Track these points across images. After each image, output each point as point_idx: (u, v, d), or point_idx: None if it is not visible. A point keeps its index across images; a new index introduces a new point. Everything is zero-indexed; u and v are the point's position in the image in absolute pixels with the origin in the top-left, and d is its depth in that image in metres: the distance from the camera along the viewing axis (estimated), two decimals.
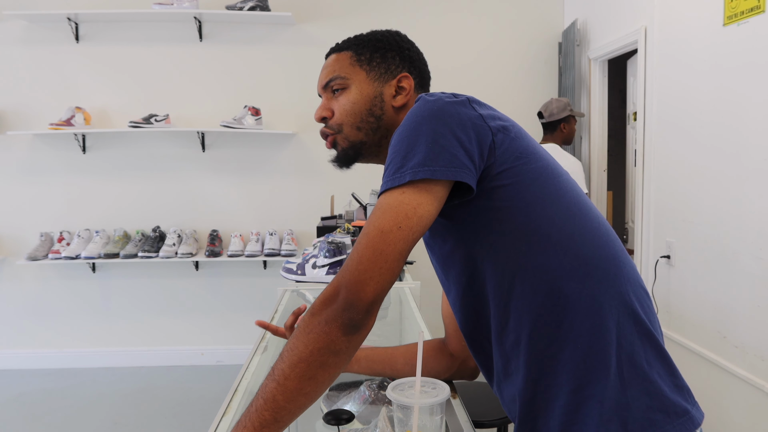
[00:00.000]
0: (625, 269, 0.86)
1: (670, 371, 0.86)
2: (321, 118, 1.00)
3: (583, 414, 0.81)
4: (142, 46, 3.79)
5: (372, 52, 1.00)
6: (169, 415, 3.22)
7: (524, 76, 3.95)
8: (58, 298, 3.90)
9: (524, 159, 0.84)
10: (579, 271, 0.82)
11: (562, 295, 0.82)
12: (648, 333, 0.85)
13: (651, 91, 2.79)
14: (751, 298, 2.10)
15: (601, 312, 0.82)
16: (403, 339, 1.71)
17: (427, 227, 0.79)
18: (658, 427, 0.81)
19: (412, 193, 0.77)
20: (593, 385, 0.81)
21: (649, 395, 0.82)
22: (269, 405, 0.75)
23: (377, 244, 0.75)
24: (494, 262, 0.84)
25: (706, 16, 2.32)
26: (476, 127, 0.82)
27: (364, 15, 3.86)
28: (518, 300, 0.83)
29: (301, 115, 3.86)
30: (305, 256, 2.07)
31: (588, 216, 0.87)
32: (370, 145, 0.99)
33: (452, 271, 0.93)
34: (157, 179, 3.87)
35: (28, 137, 3.79)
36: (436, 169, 0.77)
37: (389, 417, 0.89)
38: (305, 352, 0.75)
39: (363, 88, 0.98)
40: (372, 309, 0.76)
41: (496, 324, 0.87)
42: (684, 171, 2.52)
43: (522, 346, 0.84)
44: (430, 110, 0.81)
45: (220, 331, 3.98)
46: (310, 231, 3.86)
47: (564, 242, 0.83)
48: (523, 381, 0.85)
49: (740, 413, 2.18)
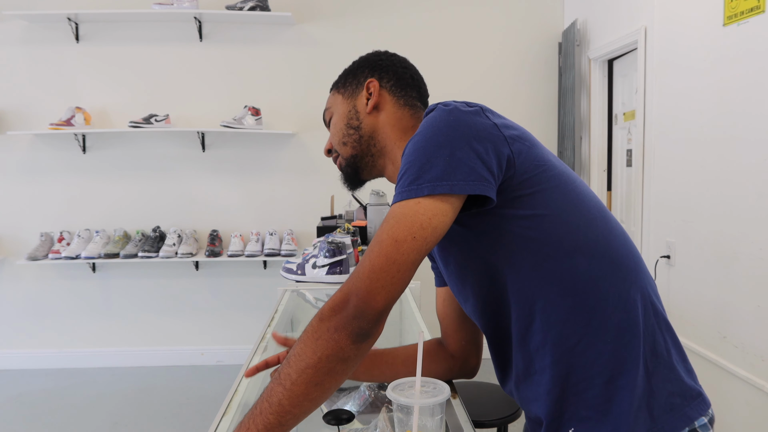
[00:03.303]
0: (641, 264, 0.91)
1: (683, 357, 0.91)
2: (327, 151, 1.10)
3: (615, 403, 0.84)
4: (142, 46, 3.79)
5: (346, 77, 1.09)
6: (169, 415, 3.22)
7: (524, 76, 3.95)
8: (58, 298, 3.90)
9: (543, 167, 0.86)
10: (607, 271, 0.86)
11: (591, 296, 0.85)
12: (666, 322, 0.90)
13: (651, 91, 2.79)
14: (751, 298, 2.10)
15: (628, 307, 0.86)
16: (403, 339, 1.71)
17: (440, 238, 0.79)
18: (678, 410, 0.87)
19: (428, 203, 0.77)
20: (624, 375, 0.84)
21: (670, 381, 0.87)
22: (275, 409, 0.75)
23: (391, 253, 0.75)
24: (518, 267, 0.86)
25: (706, 16, 2.32)
26: (492, 137, 0.82)
27: (363, 15, 3.86)
28: (545, 302, 0.85)
29: (301, 115, 3.86)
30: (305, 256, 2.07)
31: (607, 218, 0.91)
32: (362, 156, 1.04)
33: (470, 278, 0.94)
34: (157, 179, 3.87)
35: (28, 137, 3.79)
36: (454, 183, 0.77)
37: (389, 417, 0.89)
38: (313, 358, 0.75)
39: (340, 108, 1.07)
40: (382, 317, 0.76)
41: (519, 327, 0.88)
42: (684, 171, 2.52)
43: (549, 346, 0.86)
44: (446, 121, 0.81)
45: (220, 331, 3.98)
46: (310, 231, 3.86)
47: (590, 245, 0.86)
48: (552, 379, 0.87)
49: (740, 413, 2.18)
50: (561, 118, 3.87)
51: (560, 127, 3.90)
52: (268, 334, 1.51)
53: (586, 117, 3.65)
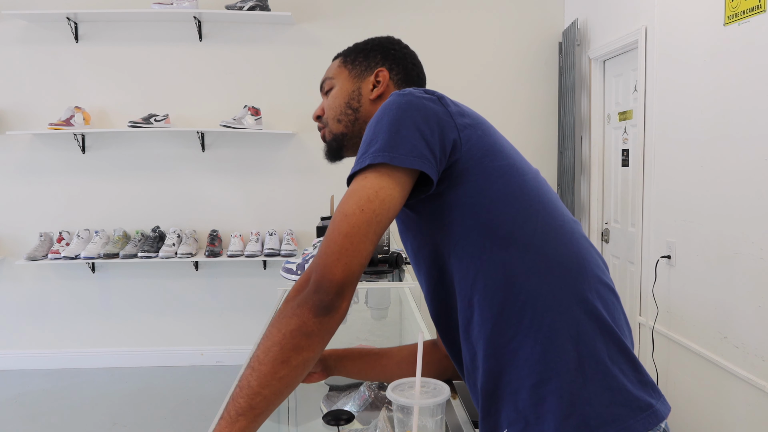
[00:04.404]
0: (587, 267, 0.87)
1: (634, 367, 0.87)
2: (316, 117, 1.09)
3: (544, 410, 0.82)
4: (142, 46, 3.79)
5: (357, 53, 1.08)
6: (169, 415, 3.21)
7: (524, 76, 3.95)
8: (57, 298, 3.90)
9: (490, 156, 0.86)
10: (539, 268, 0.84)
11: (522, 292, 0.83)
12: (610, 330, 0.86)
13: (651, 90, 2.79)
14: (752, 298, 2.10)
15: (561, 309, 0.83)
16: (403, 339, 1.71)
17: (391, 211, 0.80)
18: (621, 421, 0.82)
19: (374, 178, 0.80)
20: (553, 380, 0.82)
21: (612, 390, 0.83)
22: (244, 392, 0.76)
23: (341, 226, 0.78)
24: (460, 257, 0.86)
25: (707, 16, 2.32)
26: (441, 122, 0.84)
27: (363, 15, 3.86)
28: (481, 295, 0.85)
29: (301, 115, 3.86)
30: (305, 256, 2.07)
31: (551, 215, 0.88)
32: (351, 137, 1.05)
33: (423, 266, 0.95)
34: (157, 179, 3.87)
35: (28, 137, 3.79)
36: (394, 155, 0.80)
37: (389, 417, 0.89)
38: (278, 336, 0.77)
39: (344, 84, 1.06)
40: (342, 291, 0.77)
41: (462, 318, 0.88)
42: (684, 171, 2.51)
43: (483, 340, 0.85)
44: (398, 103, 0.85)
45: (219, 331, 3.97)
46: (310, 231, 3.86)
47: (525, 240, 0.84)
48: (485, 375, 0.86)
49: (740, 413, 2.18)
50: (561, 118, 3.87)
51: (560, 127, 3.90)
52: None
53: (587, 117, 3.65)
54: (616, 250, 3.37)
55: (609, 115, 3.44)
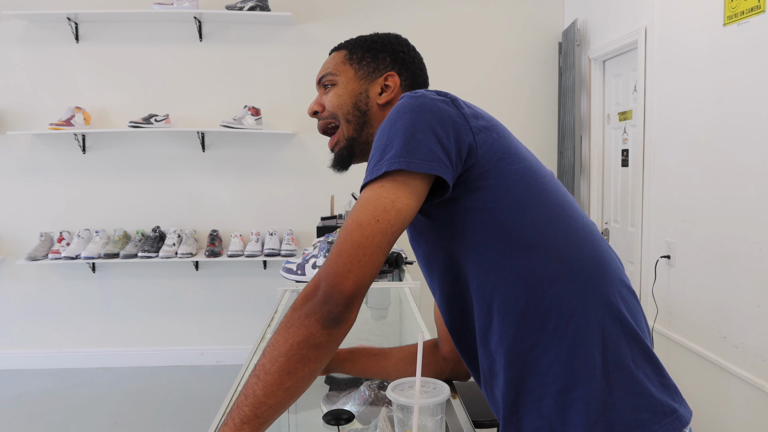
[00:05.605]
0: (610, 270, 0.86)
1: (657, 371, 0.86)
2: (313, 113, 1.04)
3: (570, 416, 0.81)
4: (142, 46, 3.79)
5: (364, 51, 1.03)
6: (169, 415, 3.22)
7: (524, 76, 3.95)
8: (57, 298, 3.90)
9: (507, 159, 0.84)
10: (562, 273, 0.82)
11: (545, 298, 0.81)
12: (634, 334, 0.84)
13: (651, 90, 2.79)
14: (752, 298, 2.10)
15: (586, 314, 0.82)
16: (403, 339, 1.71)
17: (406, 221, 0.78)
18: (646, 427, 0.81)
19: (390, 187, 0.77)
20: (579, 387, 0.80)
21: (636, 396, 0.82)
22: (249, 400, 0.75)
23: (355, 237, 0.75)
24: (477, 263, 0.84)
25: (707, 16, 2.32)
26: (456, 125, 0.81)
27: (363, 15, 3.86)
28: (501, 302, 0.83)
29: (301, 115, 3.86)
30: (305, 256, 2.07)
31: (572, 217, 0.86)
32: (360, 142, 1.01)
33: (436, 272, 0.93)
34: (157, 179, 3.87)
35: (28, 137, 3.79)
36: (411, 161, 0.77)
37: (389, 417, 0.89)
38: (285, 346, 0.75)
39: (349, 84, 1.01)
40: (352, 303, 0.75)
41: (480, 324, 0.87)
42: (684, 171, 2.51)
43: (504, 347, 0.83)
44: (411, 105, 0.82)
45: (219, 331, 3.98)
46: (310, 231, 3.86)
47: (547, 244, 0.82)
48: (507, 382, 0.84)
49: (740, 413, 2.18)
50: (561, 118, 3.87)
51: (560, 127, 3.90)
52: (268, 334, 1.50)
53: (587, 117, 3.65)
54: (615, 250, 3.37)
55: (609, 115, 3.45)
